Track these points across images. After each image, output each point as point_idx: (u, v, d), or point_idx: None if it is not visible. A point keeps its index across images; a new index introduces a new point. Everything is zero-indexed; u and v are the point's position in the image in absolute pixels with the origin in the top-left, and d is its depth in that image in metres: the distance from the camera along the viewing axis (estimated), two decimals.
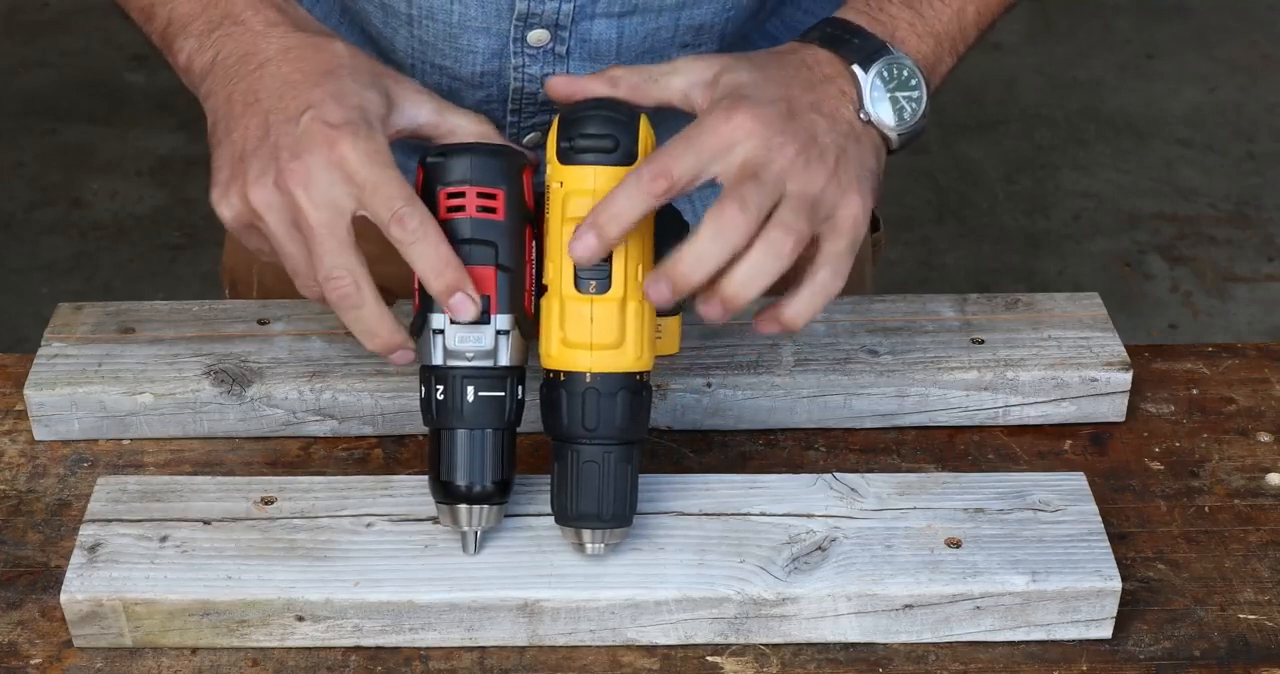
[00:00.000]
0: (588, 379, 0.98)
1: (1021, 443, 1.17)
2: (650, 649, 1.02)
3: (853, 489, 1.06)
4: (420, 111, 1.00)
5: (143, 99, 3.56)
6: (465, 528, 1.01)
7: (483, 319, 0.98)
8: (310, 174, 0.93)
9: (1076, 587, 1.00)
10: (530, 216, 1.01)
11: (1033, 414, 1.18)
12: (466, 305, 0.95)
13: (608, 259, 0.96)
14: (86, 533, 1.03)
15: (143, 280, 3.05)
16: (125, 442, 1.16)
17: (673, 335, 1.05)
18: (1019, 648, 1.02)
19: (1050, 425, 1.18)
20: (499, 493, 1.00)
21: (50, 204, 3.25)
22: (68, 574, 1.00)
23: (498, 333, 0.99)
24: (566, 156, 0.97)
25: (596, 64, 1.15)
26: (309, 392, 1.14)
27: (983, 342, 1.19)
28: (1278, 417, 1.19)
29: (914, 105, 1.03)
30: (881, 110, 1.02)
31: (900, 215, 3.16)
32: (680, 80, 1.00)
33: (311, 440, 1.16)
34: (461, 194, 0.98)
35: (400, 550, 1.02)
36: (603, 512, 0.99)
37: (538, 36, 1.13)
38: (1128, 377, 1.17)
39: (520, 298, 1.00)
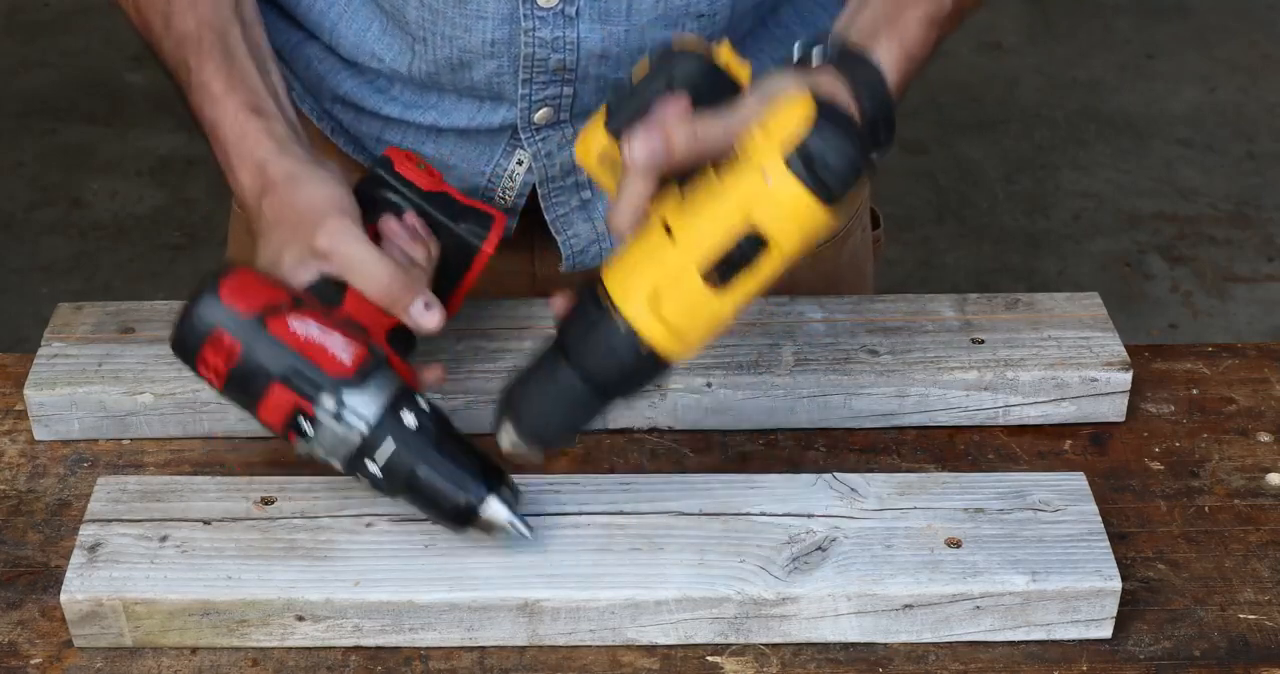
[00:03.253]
0: (642, 350, 0.95)
1: (1021, 443, 1.17)
2: (650, 649, 1.02)
3: (853, 489, 1.06)
4: (326, 268, 1.05)
5: (143, 99, 3.56)
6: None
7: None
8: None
9: (1076, 587, 1.00)
10: None
11: (1033, 414, 1.18)
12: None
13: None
14: (86, 533, 1.03)
15: (143, 280, 3.05)
16: (125, 442, 1.16)
17: None
18: (1019, 648, 1.02)
19: (1050, 425, 1.18)
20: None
21: (50, 204, 3.25)
22: (68, 574, 1.00)
23: None
24: None
25: (608, 26, 1.15)
26: None
27: (983, 341, 1.19)
28: (1278, 417, 1.19)
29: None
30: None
31: (900, 215, 3.16)
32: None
33: None
34: None
35: (400, 550, 1.02)
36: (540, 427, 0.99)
37: None
38: (1128, 376, 1.17)
39: None
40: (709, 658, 1.01)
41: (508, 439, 1.00)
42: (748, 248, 0.92)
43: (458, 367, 1.16)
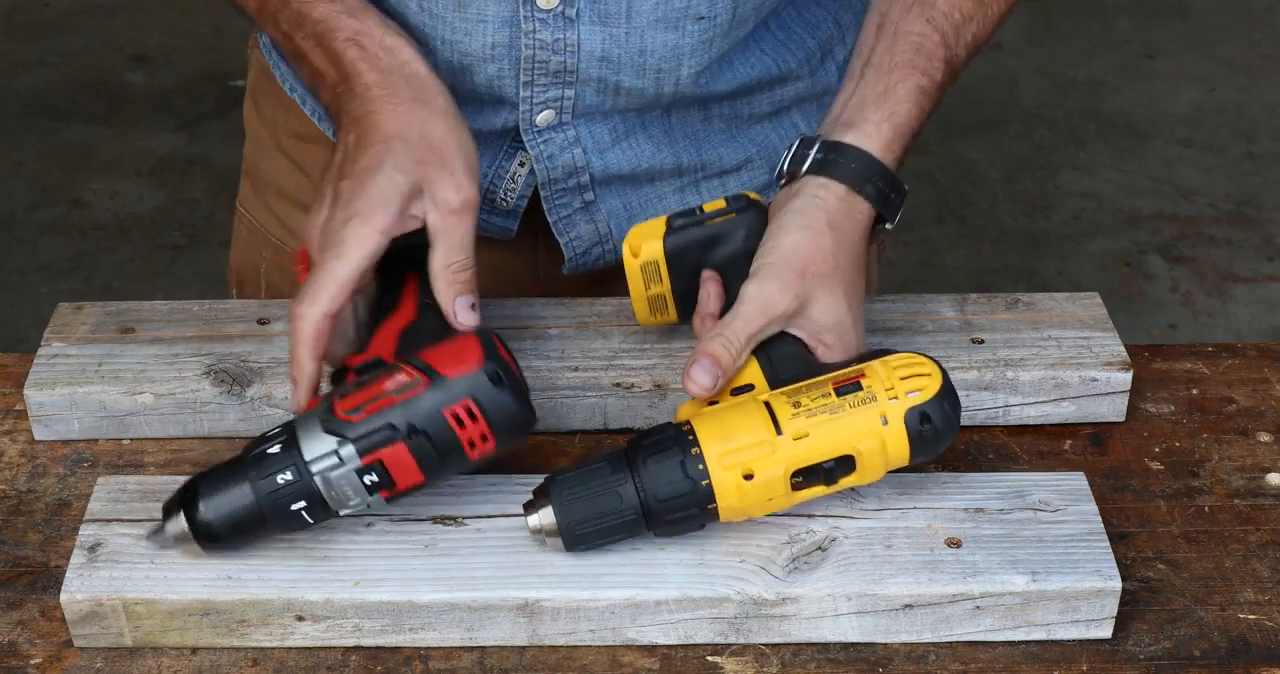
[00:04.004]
0: (709, 506, 1.01)
1: (1021, 443, 1.17)
2: (650, 649, 1.02)
3: (853, 489, 1.06)
4: (431, 216, 1.03)
5: (143, 99, 3.56)
6: (170, 533, 1.00)
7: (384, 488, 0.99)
8: (311, 272, 1.03)
9: (1076, 586, 1.00)
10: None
11: (1033, 414, 1.18)
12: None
13: None
14: (86, 533, 1.03)
15: (143, 280, 3.05)
16: (125, 442, 1.16)
17: None
18: (1019, 648, 1.02)
19: (1050, 425, 1.18)
20: (209, 539, 1.00)
21: (50, 204, 3.25)
22: (68, 574, 1.00)
23: (369, 498, 0.99)
24: None
25: (608, 28, 1.15)
26: None
27: (983, 342, 1.19)
28: (1278, 417, 1.19)
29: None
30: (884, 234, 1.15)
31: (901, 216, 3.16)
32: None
33: None
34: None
35: (400, 550, 1.02)
36: None
37: None
38: (1128, 376, 1.17)
39: None
40: (709, 658, 1.01)
41: (540, 523, 1.01)
42: (837, 466, 1.01)
43: None
